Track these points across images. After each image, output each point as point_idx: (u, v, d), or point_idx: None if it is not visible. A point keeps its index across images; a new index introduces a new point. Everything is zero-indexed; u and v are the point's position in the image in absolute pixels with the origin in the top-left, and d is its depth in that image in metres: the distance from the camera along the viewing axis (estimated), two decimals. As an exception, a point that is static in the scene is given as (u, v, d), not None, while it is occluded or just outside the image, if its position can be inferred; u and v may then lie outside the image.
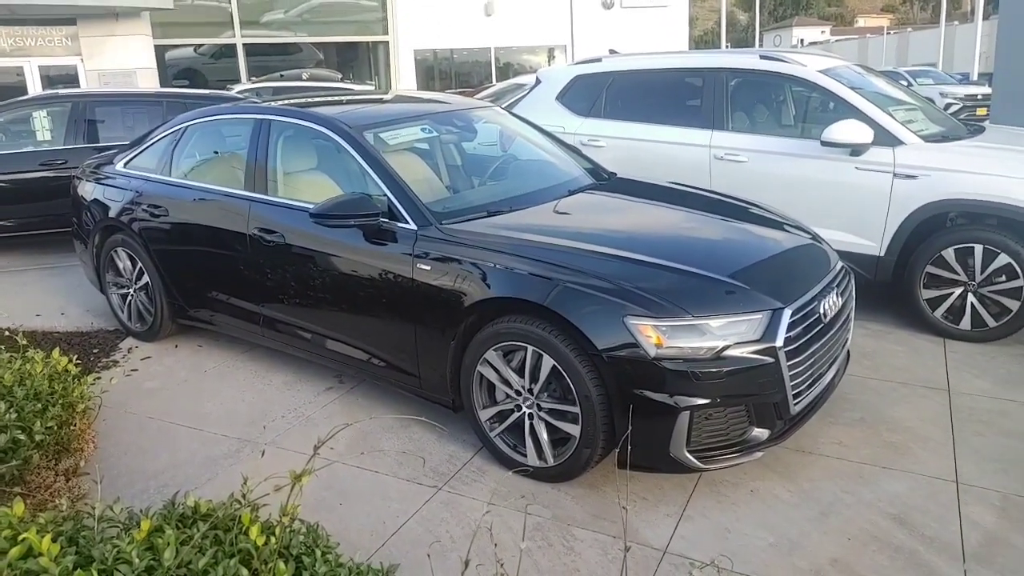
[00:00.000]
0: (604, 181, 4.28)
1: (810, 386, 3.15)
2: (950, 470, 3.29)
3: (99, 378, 4.42)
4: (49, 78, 15.10)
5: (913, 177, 4.57)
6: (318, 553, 2.10)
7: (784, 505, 3.09)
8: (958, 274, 4.53)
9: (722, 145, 5.25)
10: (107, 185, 4.93)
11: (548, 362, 3.06)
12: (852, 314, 3.64)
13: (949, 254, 4.53)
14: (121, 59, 15.52)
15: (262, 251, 3.99)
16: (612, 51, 6.68)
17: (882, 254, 4.75)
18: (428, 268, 3.36)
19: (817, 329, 3.15)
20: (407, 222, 3.49)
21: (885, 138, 4.68)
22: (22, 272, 6.69)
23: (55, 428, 3.35)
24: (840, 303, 3.37)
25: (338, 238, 3.65)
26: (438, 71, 22.84)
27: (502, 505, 3.12)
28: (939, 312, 4.64)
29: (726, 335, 2.89)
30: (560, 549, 2.86)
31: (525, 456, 3.26)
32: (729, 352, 2.88)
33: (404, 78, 20.20)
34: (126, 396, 4.20)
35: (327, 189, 3.91)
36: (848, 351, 3.79)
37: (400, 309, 3.50)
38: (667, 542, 2.88)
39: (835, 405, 3.84)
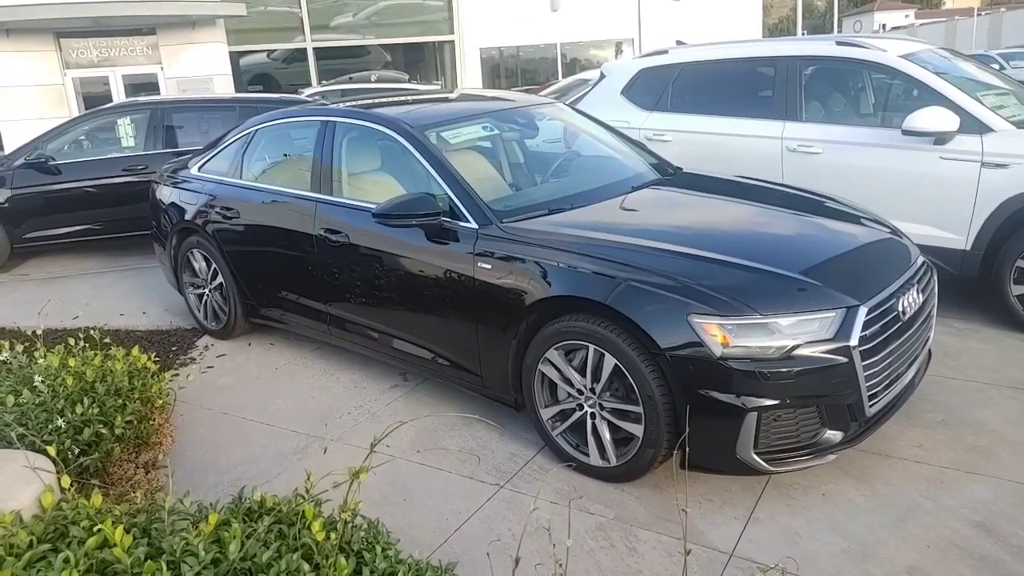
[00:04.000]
0: (669, 176, 4.19)
1: (887, 387, 3.02)
2: (1042, 476, 3.10)
3: (176, 374, 4.58)
4: (134, 86, 15.74)
5: (1004, 166, 4.32)
6: (378, 549, 2.12)
7: (858, 510, 2.96)
8: (1052, 269, 4.27)
9: (795, 136, 5.08)
10: (182, 189, 5.10)
11: (610, 361, 3.01)
12: (934, 311, 3.47)
13: (1043, 247, 4.27)
14: (198, 66, 16.07)
15: (328, 251, 4.05)
16: (679, 42, 6.56)
17: (968, 248, 4.51)
18: (489, 267, 3.35)
19: (896, 327, 3.01)
20: (468, 221, 3.48)
21: (972, 125, 4.44)
22: (104, 274, 6.98)
23: (135, 422, 3.49)
24: (921, 300, 3.21)
25: (401, 237, 3.68)
26: (504, 69, 22.87)
27: (564, 504, 3.08)
28: (1031, 309, 4.39)
29: (796, 334, 2.79)
30: (623, 550, 2.81)
31: (588, 455, 3.22)
32: (800, 351, 2.77)
33: (470, 77, 20.30)
34: (202, 392, 4.33)
35: (391, 189, 3.95)
36: (930, 350, 3.62)
37: (462, 308, 3.50)
38: (734, 545, 2.80)
39: (915, 406, 3.67)
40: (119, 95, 15.65)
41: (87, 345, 4.10)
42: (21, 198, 7.01)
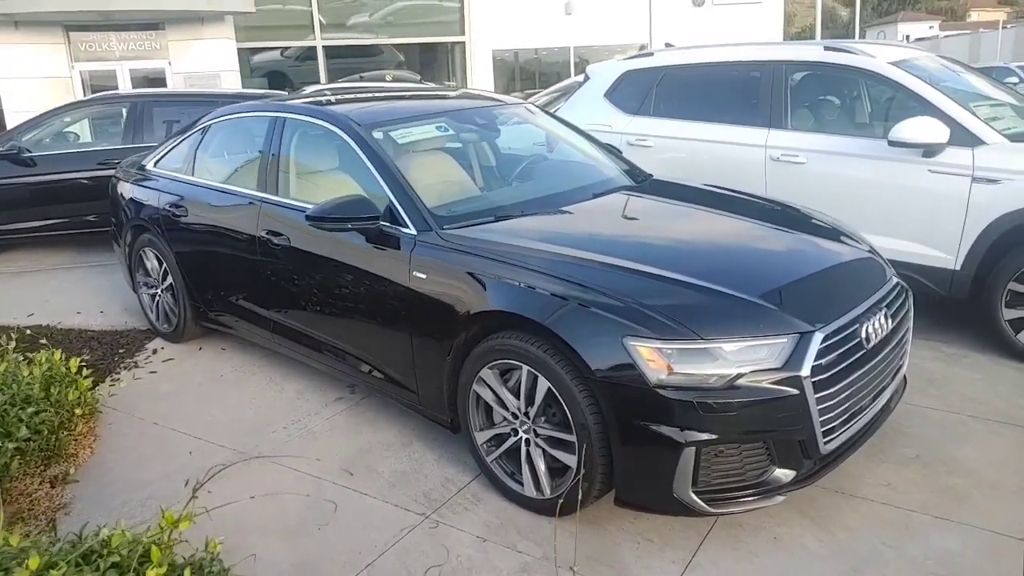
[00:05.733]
0: (635, 184, 3.92)
1: (847, 421, 2.74)
2: (1019, 525, 2.80)
3: (117, 379, 4.38)
4: (147, 80, 15.65)
5: (995, 181, 4.02)
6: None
7: (810, 557, 2.69)
8: (1048, 292, 3.96)
9: (779, 145, 4.80)
10: (137, 184, 4.90)
11: (543, 384, 2.75)
12: (908, 337, 3.18)
13: (1038, 269, 3.97)
14: (206, 62, 15.97)
15: (271, 254, 3.83)
16: (668, 44, 6.29)
17: (958, 268, 4.21)
18: (424, 276, 3.11)
19: (857, 356, 2.73)
20: (407, 227, 3.24)
21: (963, 137, 4.14)
22: (72, 270, 6.81)
23: (45, 433, 3.27)
24: (890, 326, 2.93)
25: (341, 242, 3.44)
26: (519, 71, 22.63)
27: (492, 540, 2.83)
28: (1023, 336, 4.07)
29: (741, 361, 2.52)
30: (546, 595, 2.55)
31: (522, 485, 2.96)
32: (744, 381, 2.50)
33: (480, 79, 20.06)
34: (138, 399, 4.12)
35: (337, 190, 3.70)
36: (905, 377, 3.34)
37: (398, 320, 3.26)
38: (667, 595, 2.54)
39: (888, 439, 3.39)
40: (127, 89, 15.58)
41: (17, 345, 3.91)
42: (-7, 190, 6.85)
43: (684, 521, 2.86)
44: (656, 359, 2.51)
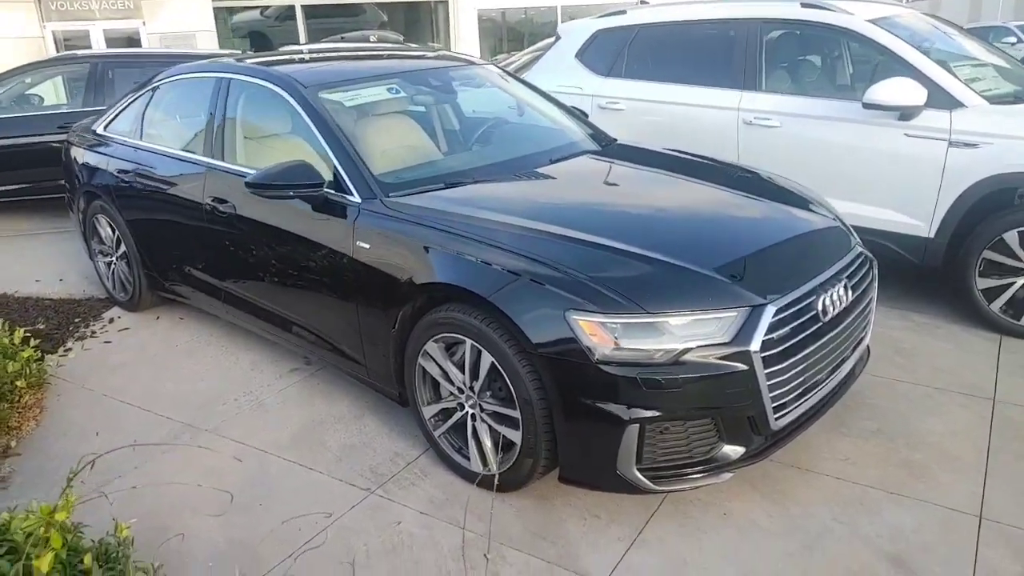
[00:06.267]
0: (598, 149, 3.78)
1: (800, 396, 2.64)
2: (975, 501, 2.73)
3: (69, 350, 4.27)
4: (115, 40, 15.28)
5: (973, 146, 3.89)
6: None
7: (761, 534, 2.61)
8: (1022, 261, 3.85)
9: (752, 108, 4.64)
10: (87, 149, 4.74)
11: (487, 359, 2.65)
12: (871, 308, 3.08)
13: (1012, 237, 3.85)
14: (181, 22, 15.60)
15: (219, 222, 3.69)
16: (643, 2, 6.09)
17: (932, 236, 4.09)
18: (367, 246, 2.98)
19: (812, 329, 2.63)
20: (352, 194, 3.11)
21: (941, 99, 4.00)
22: (37, 236, 6.65)
23: (-18, 406, 3.16)
24: (850, 298, 2.82)
25: (286, 210, 3.30)
26: (506, 32, 22.18)
27: (435, 516, 2.75)
28: (996, 305, 3.98)
29: (688, 336, 2.41)
30: (483, 573, 2.48)
31: (468, 460, 2.88)
32: (690, 356, 2.40)
33: (465, 39, 19.67)
34: (90, 370, 4.01)
35: (283, 155, 3.54)
36: (868, 348, 3.25)
37: (344, 291, 3.14)
38: (609, 572, 2.46)
39: (850, 412, 3.31)
40: (111, 48, 15.21)
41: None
42: (-49, 155, 6.66)
43: (633, 497, 2.79)
44: (599, 333, 2.40)
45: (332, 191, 3.16)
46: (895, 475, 2.90)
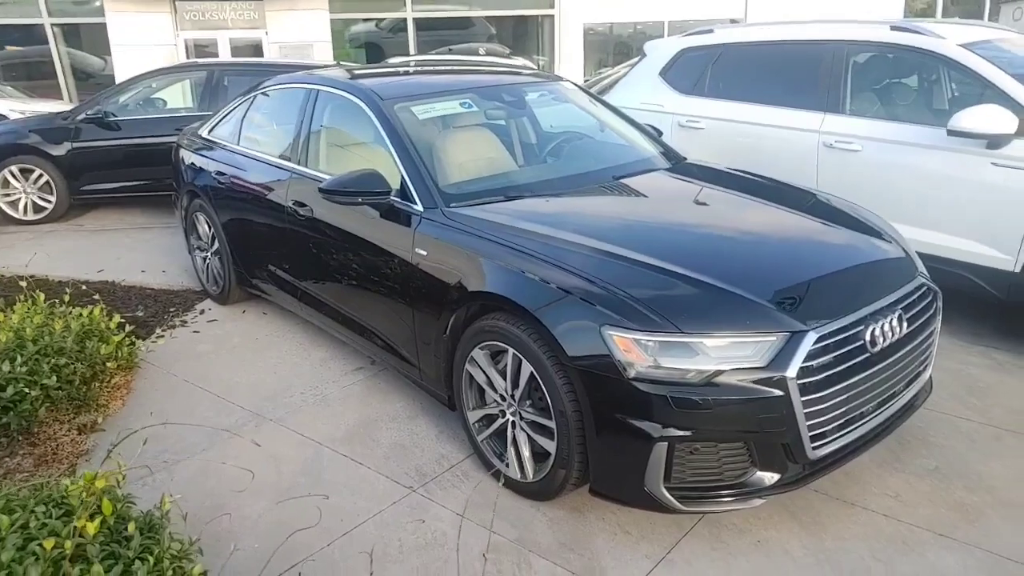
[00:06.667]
0: (663, 167, 3.80)
1: (841, 427, 2.59)
2: (1028, 550, 2.60)
3: (162, 336, 4.61)
4: (239, 49, 16.24)
5: (1064, 178, 3.70)
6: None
7: (792, 565, 2.58)
8: (1114, 301, 3.63)
9: (834, 131, 4.54)
10: (192, 151, 5.11)
11: (527, 368, 2.73)
12: (931, 341, 2.98)
13: (1107, 276, 3.63)
14: (300, 32, 16.43)
15: (297, 224, 3.93)
16: (733, 21, 6.02)
17: (1017, 270, 3.90)
18: (424, 253, 3.12)
19: (859, 359, 2.58)
20: (415, 203, 3.26)
21: (1034, 128, 3.81)
22: (149, 229, 7.17)
23: (76, 383, 3.48)
24: (904, 330, 2.74)
25: (357, 215, 3.49)
26: (612, 46, 22.18)
27: (469, 517, 2.84)
28: (1085, 346, 3.75)
29: (724, 358, 2.42)
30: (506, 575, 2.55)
31: (507, 466, 2.96)
32: (723, 379, 2.41)
33: (569, 53, 19.80)
34: (176, 357, 4.32)
35: (358, 163, 3.74)
36: (931, 382, 3.14)
37: (402, 295, 3.29)
38: (631, 589, 2.49)
39: (909, 449, 3.21)
40: (226, 57, 16.20)
41: (72, 300, 4.18)
42: (81, 152, 7.28)
43: (666, 517, 2.80)
44: (633, 350, 2.44)
45: (398, 199, 3.32)
46: (946, 517, 2.79)
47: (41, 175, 7.27)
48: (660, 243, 2.90)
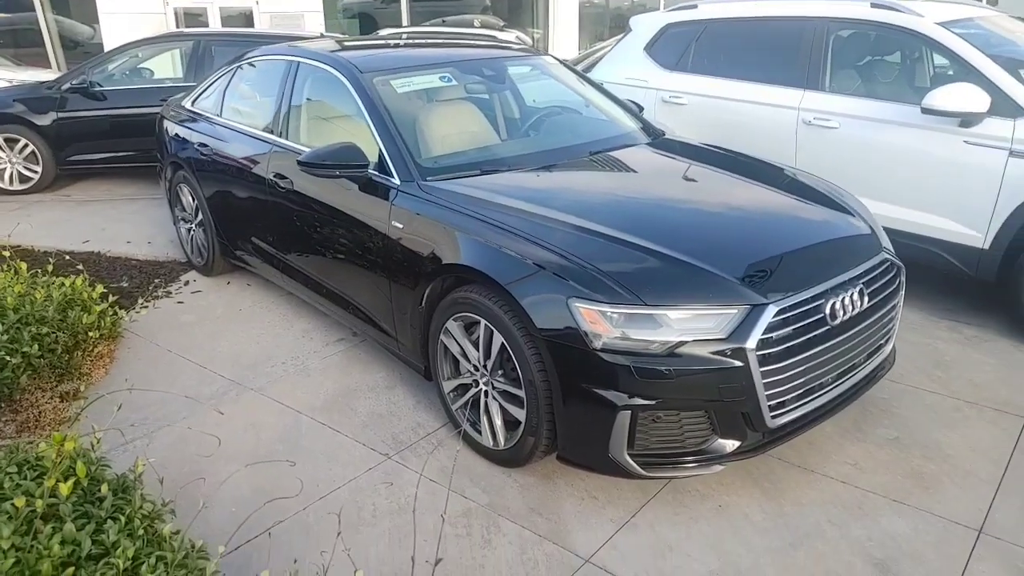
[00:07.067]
0: (640, 143, 3.84)
1: (800, 397, 2.68)
2: (979, 516, 2.71)
3: (146, 306, 4.66)
4: (230, 19, 16.10)
5: (1034, 156, 3.76)
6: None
7: (751, 528, 2.67)
8: (1079, 278, 3.71)
9: (813, 108, 4.58)
10: (176, 122, 5.12)
11: (498, 339, 2.80)
12: (893, 316, 3.06)
13: (1072, 253, 3.71)
14: (292, 3, 16.26)
15: (277, 196, 3.97)
16: (717, -4, 6.02)
17: (986, 247, 3.98)
18: (400, 226, 3.18)
19: (818, 332, 2.65)
20: (392, 176, 3.31)
21: (1006, 107, 3.87)
22: (135, 200, 7.19)
23: (58, 351, 3.54)
24: (864, 304, 2.82)
25: (336, 187, 3.54)
26: (610, 19, 22.02)
27: (443, 484, 2.93)
28: (1050, 321, 3.85)
29: (686, 329, 2.49)
30: (477, 540, 2.64)
31: (480, 434, 3.04)
32: (685, 349, 2.48)
33: (564, 27, 19.67)
34: (159, 327, 4.38)
35: (338, 136, 3.78)
36: (893, 355, 3.22)
37: (379, 267, 3.35)
38: (594, 551, 2.58)
39: (871, 419, 3.30)
40: (216, 27, 16.05)
41: (55, 270, 4.23)
42: (66, 121, 7.26)
43: (632, 483, 2.89)
44: (599, 322, 2.51)
45: (376, 172, 3.36)
46: (902, 484, 2.89)
47: (26, 145, 7.25)
48: (631, 217, 2.95)
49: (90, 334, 3.74)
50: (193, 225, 5.06)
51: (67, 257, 5.28)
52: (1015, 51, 4.42)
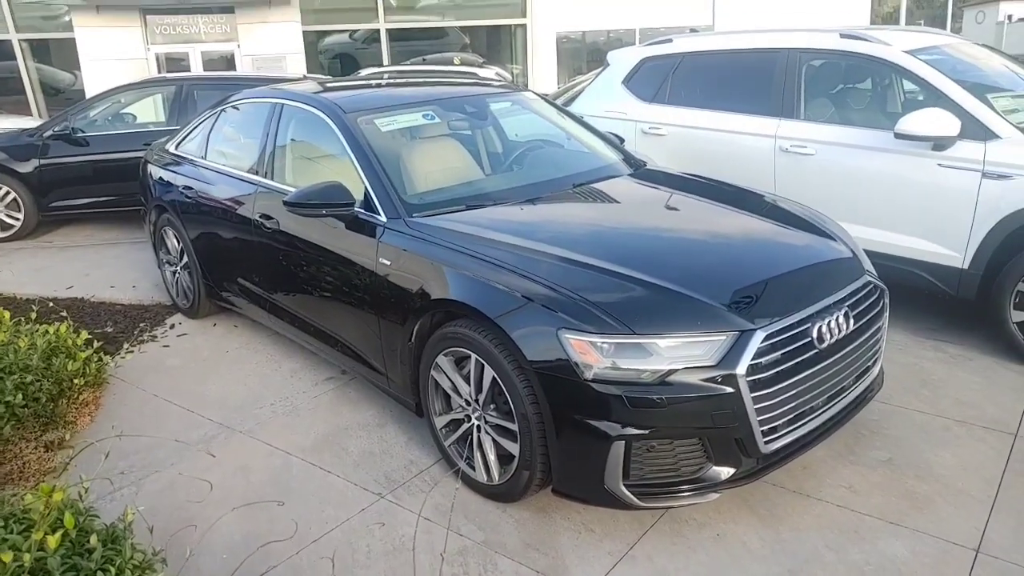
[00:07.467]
0: (622, 174, 3.89)
1: (792, 421, 2.69)
2: (975, 535, 2.71)
3: (131, 351, 4.62)
4: (212, 63, 16.20)
5: (1006, 177, 3.84)
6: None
7: (749, 556, 2.66)
8: (1059, 295, 3.77)
9: (789, 136, 4.66)
10: (159, 166, 5.13)
11: (489, 373, 2.80)
12: (879, 337, 3.09)
13: (1050, 270, 3.77)
14: (273, 44, 16.42)
15: (264, 236, 3.97)
16: (693, 30, 6.15)
17: (966, 267, 4.03)
18: (388, 263, 3.19)
19: (806, 356, 2.67)
20: (379, 213, 3.32)
21: (975, 130, 3.95)
22: (118, 245, 7.16)
23: (43, 400, 3.49)
24: (850, 326, 2.84)
25: (322, 227, 3.55)
26: (587, 53, 22.38)
27: (438, 522, 2.90)
28: (1032, 339, 3.89)
29: (675, 357, 2.51)
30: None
31: (474, 470, 3.02)
32: (676, 377, 2.49)
33: (542, 62, 19.95)
34: (145, 371, 4.34)
35: (324, 176, 3.79)
36: (882, 376, 3.25)
37: (368, 304, 3.35)
38: (593, 585, 2.56)
39: (862, 441, 3.31)
40: (198, 71, 16.15)
41: (39, 317, 4.19)
42: (49, 168, 7.25)
43: (629, 514, 2.88)
44: (589, 352, 2.52)
45: (362, 211, 3.38)
46: (897, 505, 2.89)
47: (8, 192, 7.24)
48: (618, 248, 2.98)
49: (75, 381, 3.70)
50: (178, 268, 5.04)
51: (50, 304, 5.23)
52: (980, 76, 4.55)
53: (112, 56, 15.75)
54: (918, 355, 4.12)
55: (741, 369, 2.50)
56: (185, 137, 5.07)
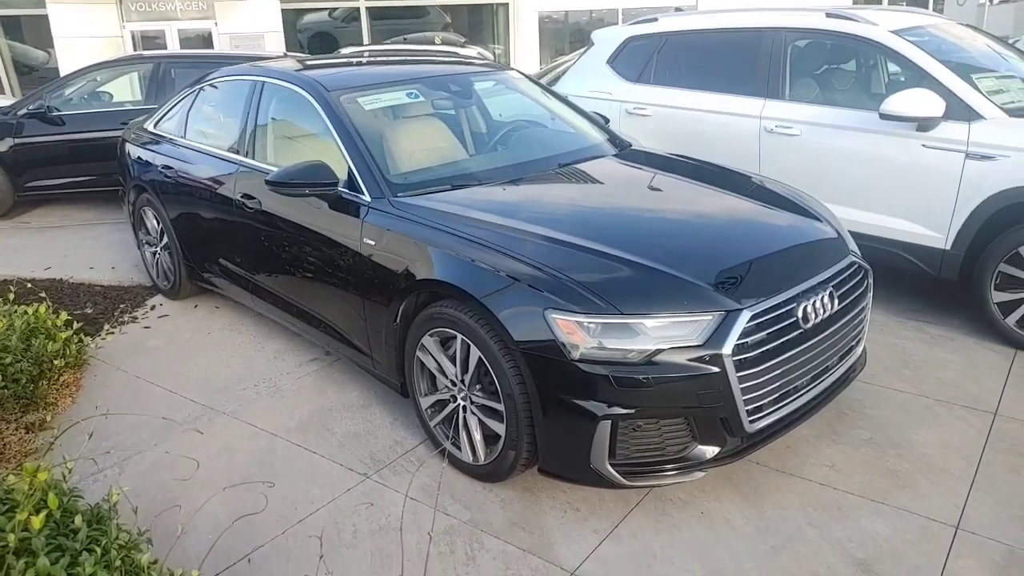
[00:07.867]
0: (610, 154, 3.87)
1: (777, 400, 2.70)
2: (955, 512, 2.75)
3: (111, 333, 4.57)
4: (188, 40, 15.96)
5: (990, 158, 3.86)
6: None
7: (733, 534, 2.69)
8: (1038, 275, 3.81)
9: (774, 116, 4.67)
10: (138, 145, 5.05)
11: (475, 353, 2.79)
12: (863, 318, 3.11)
13: (1030, 251, 3.81)
14: (250, 23, 16.18)
15: (246, 216, 3.92)
16: (678, 9, 6.12)
17: (948, 247, 4.07)
18: (372, 243, 3.16)
19: (791, 336, 2.69)
20: (363, 193, 3.29)
21: (960, 111, 3.97)
22: (97, 225, 7.06)
23: (23, 382, 3.45)
24: (835, 307, 2.86)
25: (306, 207, 3.51)
26: (570, 34, 22.24)
27: (424, 502, 2.90)
28: (1011, 319, 3.94)
29: (662, 337, 2.51)
30: (461, 557, 2.62)
31: (460, 450, 3.02)
32: (662, 357, 2.49)
33: (525, 42, 19.81)
34: (126, 353, 4.29)
35: (307, 155, 3.75)
36: (864, 356, 3.27)
37: (352, 285, 3.32)
38: (579, 563, 2.57)
39: (845, 420, 3.34)
40: (175, 49, 15.89)
41: (17, 298, 4.12)
42: (24, 147, 7.11)
43: (614, 493, 2.89)
44: (576, 332, 2.51)
45: (346, 190, 3.34)
46: (878, 484, 2.93)
47: (-18, 172, 7.10)
48: (604, 228, 2.97)
49: (55, 362, 3.65)
50: (158, 248, 4.98)
51: (28, 285, 5.15)
52: (965, 57, 4.56)
53: (86, 34, 15.45)
54: (900, 335, 4.16)
55: (727, 349, 2.50)
56: (164, 116, 4.98)
